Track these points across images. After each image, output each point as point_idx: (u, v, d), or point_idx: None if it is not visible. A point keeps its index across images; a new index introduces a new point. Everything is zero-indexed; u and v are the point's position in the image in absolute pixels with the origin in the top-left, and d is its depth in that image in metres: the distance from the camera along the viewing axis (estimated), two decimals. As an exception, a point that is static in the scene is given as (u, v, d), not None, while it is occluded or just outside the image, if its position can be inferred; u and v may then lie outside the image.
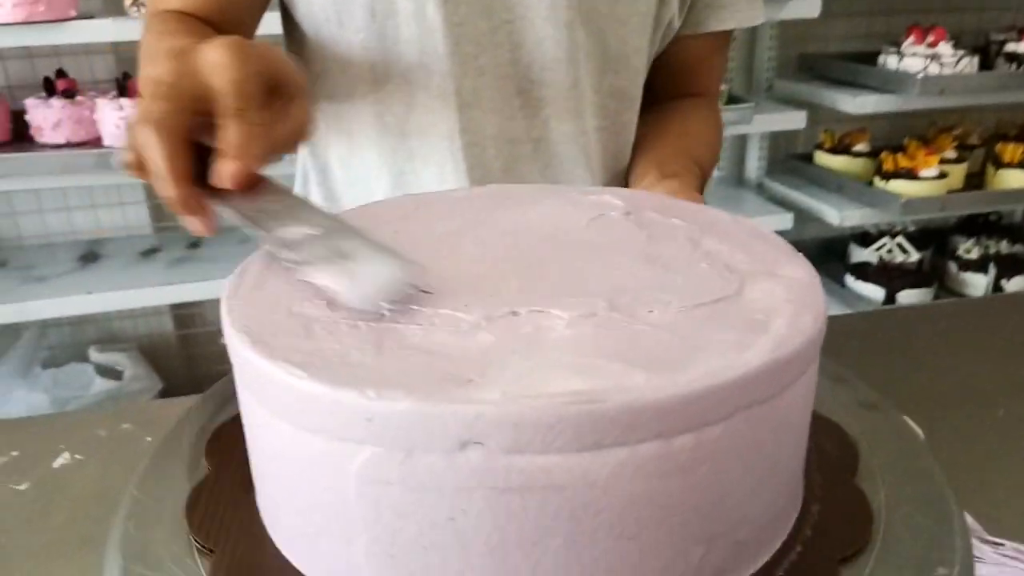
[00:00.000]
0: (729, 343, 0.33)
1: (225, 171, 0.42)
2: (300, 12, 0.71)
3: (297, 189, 0.87)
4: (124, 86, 1.69)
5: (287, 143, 0.46)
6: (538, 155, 0.75)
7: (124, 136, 0.45)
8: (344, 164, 0.78)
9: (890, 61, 1.93)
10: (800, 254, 0.43)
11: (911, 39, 1.91)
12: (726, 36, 0.82)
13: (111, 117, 1.62)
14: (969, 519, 0.51)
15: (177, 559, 0.37)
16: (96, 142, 1.66)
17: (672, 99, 0.83)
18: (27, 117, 1.67)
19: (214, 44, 0.43)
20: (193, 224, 0.44)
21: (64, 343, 2.04)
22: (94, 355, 1.96)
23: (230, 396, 0.47)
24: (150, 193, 1.99)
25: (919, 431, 0.50)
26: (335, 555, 0.35)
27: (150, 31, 0.65)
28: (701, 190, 0.68)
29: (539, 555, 0.31)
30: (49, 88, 1.69)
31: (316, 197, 0.82)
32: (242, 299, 0.38)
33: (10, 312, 1.66)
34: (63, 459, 0.63)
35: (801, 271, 0.41)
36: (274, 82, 0.45)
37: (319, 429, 0.32)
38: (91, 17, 1.59)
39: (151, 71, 0.44)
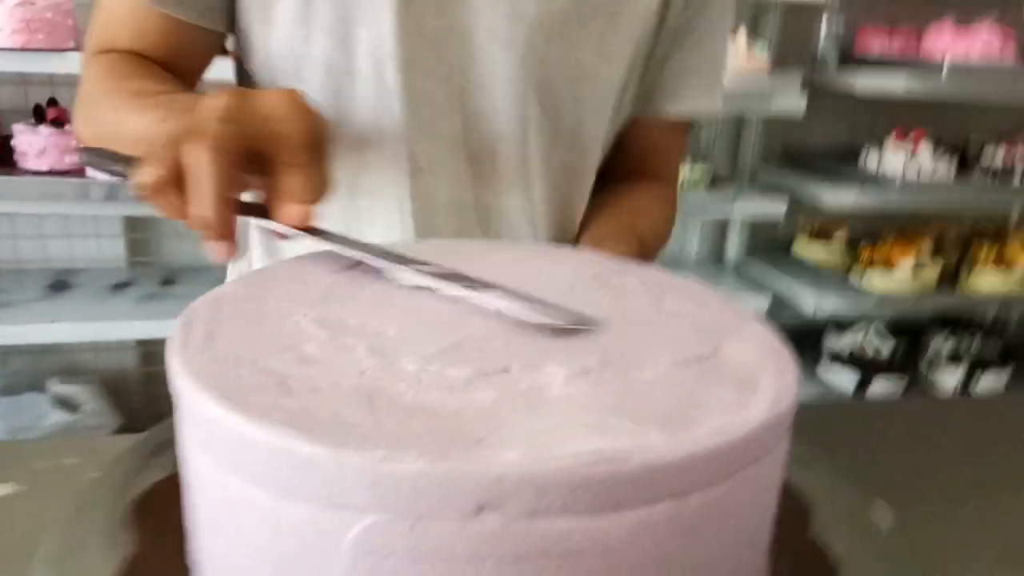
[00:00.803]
0: (727, 401, 0.33)
1: (296, 213, 0.47)
2: (257, 62, 0.70)
3: (245, 234, 0.84)
4: (115, 119, 1.69)
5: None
6: (488, 224, 0.74)
7: (151, 154, 0.46)
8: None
9: (871, 159, 1.98)
10: (750, 312, 0.44)
11: (892, 137, 1.97)
12: (685, 123, 0.82)
13: (98, 148, 1.61)
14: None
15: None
16: (79, 172, 1.65)
17: (628, 180, 0.83)
18: (13, 142, 1.66)
19: (279, 93, 0.48)
20: (218, 249, 0.46)
21: (24, 371, 1.99)
22: (53, 386, 1.91)
23: (141, 462, 0.45)
24: (127, 227, 1.98)
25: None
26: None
27: (100, 70, 0.66)
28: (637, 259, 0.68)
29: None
30: (39, 115, 1.69)
31: (259, 244, 0.79)
32: (197, 353, 0.35)
33: (-30, 335, 1.62)
34: (4, 489, 0.61)
35: (762, 330, 0.42)
36: (316, 138, 0.49)
37: (309, 496, 0.29)
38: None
39: (214, 101, 0.46)
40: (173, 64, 0.69)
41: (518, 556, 0.28)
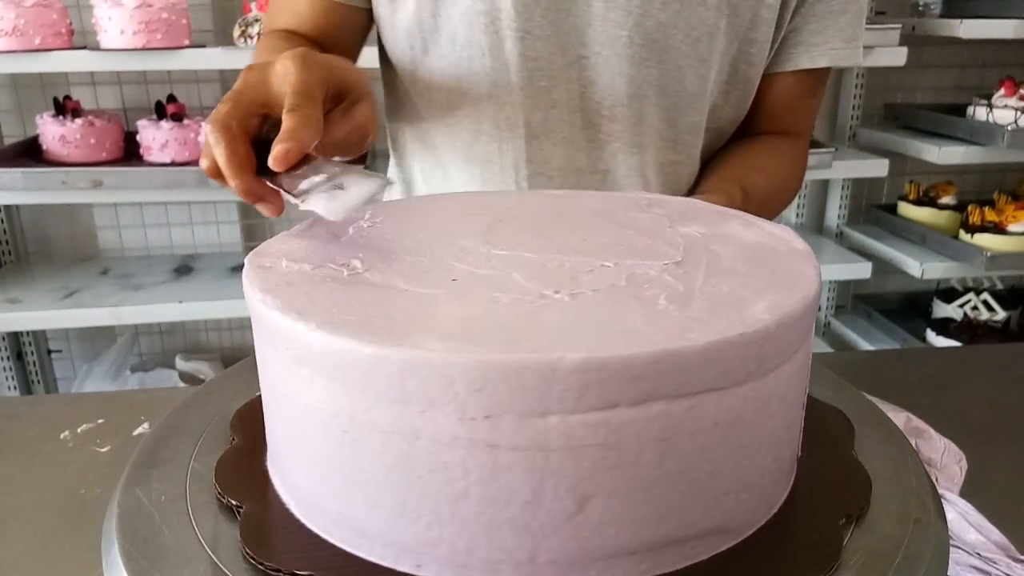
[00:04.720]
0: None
1: (275, 151, 0.46)
2: (386, 38, 0.76)
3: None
4: (227, 111, 1.80)
5: (350, 139, 0.52)
6: (603, 187, 0.76)
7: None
8: (426, 177, 0.82)
9: (979, 113, 1.89)
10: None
11: (1002, 91, 1.88)
12: (820, 76, 0.79)
13: (213, 139, 1.73)
14: (1004, 538, 0.51)
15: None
16: (198, 162, 1.77)
17: (758, 135, 0.81)
18: (138, 137, 1.80)
19: (283, 56, 0.50)
20: (262, 209, 0.49)
21: (153, 351, 2.16)
22: (180, 363, 2.07)
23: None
24: (243, 214, 2.11)
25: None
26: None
27: (260, 48, 0.73)
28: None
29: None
30: (160, 111, 1.82)
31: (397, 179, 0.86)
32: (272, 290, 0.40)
33: (107, 315, 1.78)
34: (142, 428, 0.69)
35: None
36: (339, 87, 0.52)
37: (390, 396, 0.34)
38: (202, 46, 1.72)
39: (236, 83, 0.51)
40: (326, 42, 0.75)
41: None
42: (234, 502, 0.41)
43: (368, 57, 0.80)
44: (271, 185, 0.48)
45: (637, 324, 0.35)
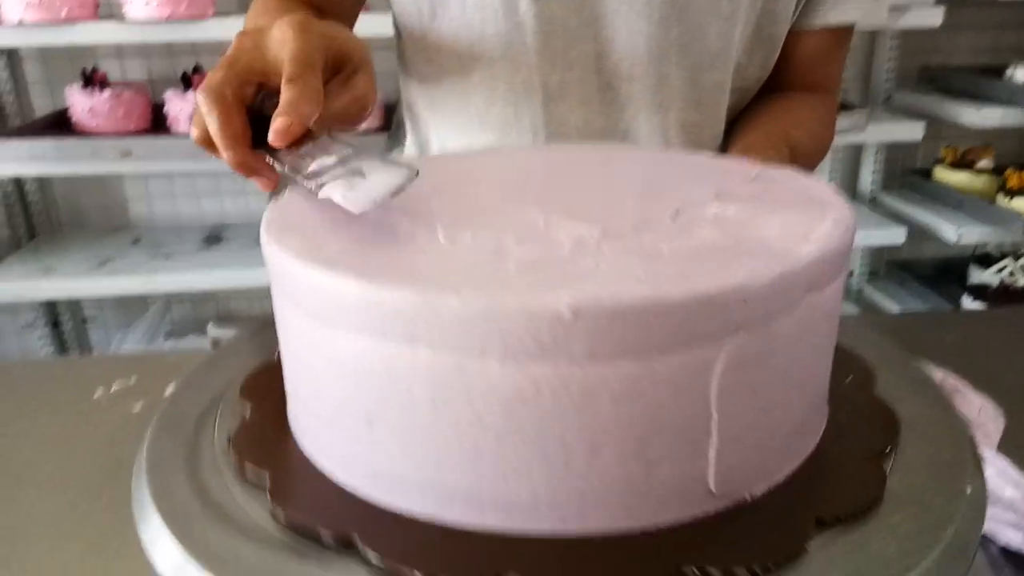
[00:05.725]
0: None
1: (274, 126, 0.44)
2: (396, 1, 0.74)
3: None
4: (253, 80, 1.80)
5: (349, 111, 0.50)
6: None
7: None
8: (441, 142, 0.81)
9: (1018, 75, 1.84)
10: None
11: (1043, 51, 1.82)
12: (847, 31, 0.77)
13: (240, 108, 1.73)
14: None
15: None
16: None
17: (786, 92, 0.80)
18: (165, 109, 1.80)
19: (280, 22, 0.48)
20: (257, 183, 0.48)
21: (185, 318, 2.18)
22: (211, 330, 2.09)
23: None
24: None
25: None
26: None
27: (254, 11, 0.71)
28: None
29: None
30: (186, 82, 1.83)
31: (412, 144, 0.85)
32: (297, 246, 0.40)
33: (139, 284, 1.80)
34: (173, 388, 0.69)
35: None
36: (337, 57, 0.50)
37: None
38: (227, 15, 1.71)
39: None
40: (323, 6, 0.73)
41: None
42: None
43: (376, 24, 0.79)
44: (269, 160, 0.46)
45: (477, 277, 0.36)
